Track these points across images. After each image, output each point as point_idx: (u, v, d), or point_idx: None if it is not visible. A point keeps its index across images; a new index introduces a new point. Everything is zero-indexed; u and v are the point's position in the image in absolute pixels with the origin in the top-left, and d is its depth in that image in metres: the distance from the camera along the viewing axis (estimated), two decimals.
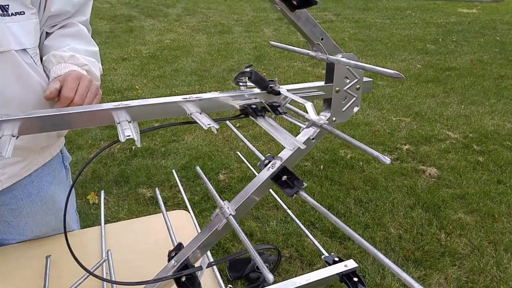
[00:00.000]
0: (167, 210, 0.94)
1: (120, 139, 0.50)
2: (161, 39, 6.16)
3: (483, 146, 3.05)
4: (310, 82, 0.72)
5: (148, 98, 3.96)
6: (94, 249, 0.96)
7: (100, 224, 1.06)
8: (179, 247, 0.71)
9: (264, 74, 0.70)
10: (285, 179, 0.72)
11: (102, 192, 1.13)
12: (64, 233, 0.68)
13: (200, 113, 0.62)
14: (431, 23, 7.45)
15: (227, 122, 0.77)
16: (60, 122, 0.56)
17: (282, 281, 0.64)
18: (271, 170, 0.72)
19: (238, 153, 1.28)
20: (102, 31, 6.61)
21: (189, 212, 1.17)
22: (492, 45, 5.99)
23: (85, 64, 0.87)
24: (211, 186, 0.77)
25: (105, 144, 3.00)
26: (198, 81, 4.36)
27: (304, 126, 0.60)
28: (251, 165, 1.09)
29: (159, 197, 1.00)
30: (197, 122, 0.61)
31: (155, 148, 2.95)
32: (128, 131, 0.52)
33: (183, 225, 1.12)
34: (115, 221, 2.27)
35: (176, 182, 1.07)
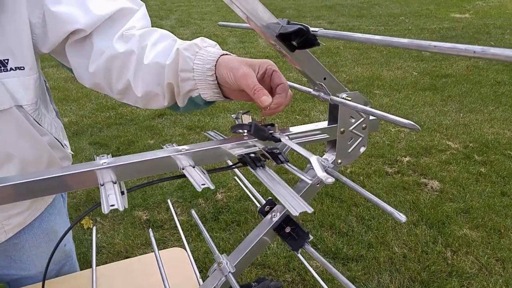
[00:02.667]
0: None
1: (103, 210, 0.45)
2: None
3: (484, 156, 3.00)
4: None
5: (142, 113, 3.80)
6: None
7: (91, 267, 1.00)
8: None
9: None
10: (288, 230, 0.66)
11: (94, 229, 1.07)
12: (42, 282, 0.62)
13: (194, 167, 0.56)
14: (425, 29, 7.46)
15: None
16: (44, 188, 0.49)
17: None
18: (274, 220, 0.66)
19: (236, 170, 1.22)
20: None
21: (185, 249, 1.11)
22: None
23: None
24: (209, 238, 0.71)
25: None
26: None
27: (310, 182, 0.55)
28: (249, 182, 1.02)
29: (153, 239, 0.94)
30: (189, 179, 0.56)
31: None
32: (112, 197, 0.47)
33: (179, 265, 1.07)
34: (110, 247, 2.20)
35: (171, 207, 1.01)
